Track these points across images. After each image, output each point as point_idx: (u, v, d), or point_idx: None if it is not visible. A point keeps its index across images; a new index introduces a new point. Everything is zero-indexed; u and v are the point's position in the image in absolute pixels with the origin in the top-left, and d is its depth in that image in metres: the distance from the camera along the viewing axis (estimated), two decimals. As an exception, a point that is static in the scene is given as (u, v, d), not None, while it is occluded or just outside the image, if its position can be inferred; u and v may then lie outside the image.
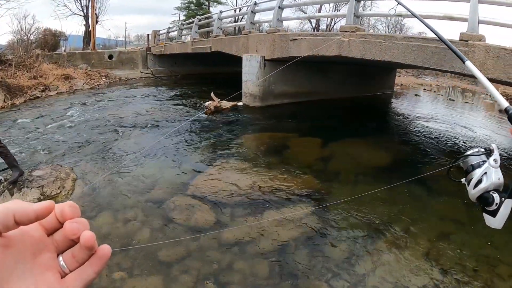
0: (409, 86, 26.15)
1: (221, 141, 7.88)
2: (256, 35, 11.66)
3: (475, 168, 1.12)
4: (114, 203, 4.99)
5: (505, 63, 5.84)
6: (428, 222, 5.10)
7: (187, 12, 41.28)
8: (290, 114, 11.08)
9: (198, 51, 15.79)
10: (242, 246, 4.19)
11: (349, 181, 6.30)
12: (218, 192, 5.42)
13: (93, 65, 19.33)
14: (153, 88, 15.92)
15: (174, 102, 12.24)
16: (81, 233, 0.51)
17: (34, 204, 0.50)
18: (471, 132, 11.09)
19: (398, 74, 28.26)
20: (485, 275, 3.97)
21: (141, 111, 10.37)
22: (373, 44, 7.67)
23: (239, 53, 12.05)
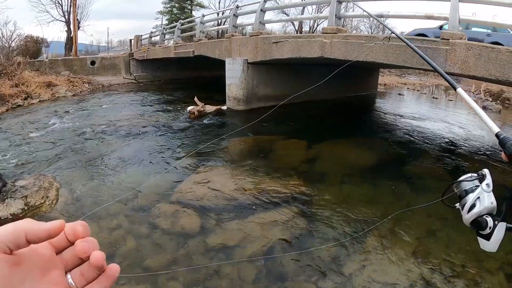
0: (393, 85, 26.36)
1: (205, 146, 7.77)
2: (239, 38, 11.64)
3: (468, 193, 1.13)
4: (98, 212, 4.90)
5: (486, 60, 5.94)
6: (414, 220, 5.11)
7: (170, 16, 41.09)
8: (274, 117, 10.79)
9: (181, 55, 15.73)
10: (228, 250, 4.17)
11: (335, 181, 6.31)
12: (204, 197, 5.37)
13: (75, 72, 19.10)
14: (135, 94, 15.84)
15: (157, 107, 12.18)
16: (91, 252, 0.52)
17: (46, 223, 0.51)
18: (454, 128, 11.27)
19: (382, 74, 28.50)
20: (473, 270, 4.00)
21: (123, 118, 10.27)
22: (355, 45, 7.71)
23: (222, 57, 12.03)
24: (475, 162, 7.98)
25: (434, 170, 7.29)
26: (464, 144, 9.57)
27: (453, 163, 7.81)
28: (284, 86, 12.28)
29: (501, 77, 5.84)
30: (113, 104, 12.77)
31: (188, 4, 42.20)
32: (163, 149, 7.56)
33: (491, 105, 20.29)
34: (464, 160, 8.14)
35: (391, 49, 7.11)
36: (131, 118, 10.29)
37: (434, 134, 10.42)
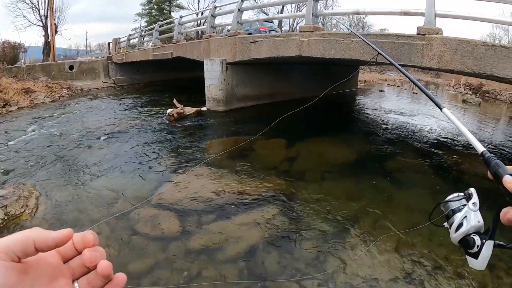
0: (373, 82, 26.62)
1: (185, 148, 7.79)
2: (217, 39, 11.58)
3: (456, 212, 1.09)
4: (79, 219, 4.84)
5: (463, 54, 6.02)
6: (395, 214, 5.15)
7: (149, 18, 40.88)
8: (254, 116, 11.07)
9: (159, 57, 15.58)
10: (210, 252, 4.13)
11: (316, 179, 6.33)
12: (183, 200, 5.33)
13: (53, 77, 18.73)
14: (115, 98, 15.63)
15: (136, 111, 12.03)
16: (99, 261, 0.54)
17: (54, 232, 0.52)
18: (433, 122, 11.40)
19: (362, 71, 28.78)
20: (456, 262, 4.02)
21: (102, 123, 10.12)
22: (332, 43, 7.73)
23: (200, 58, 11.94)
24: (453, 154, 8.12)
25: (414, 164, 7.39)
26: (443, 137, 9.71)
27: (433, 156, 7.92)
28: (264, 85, 12.30)
29: (478, 70, 5.91)
30: (92, 109, 12.59)
31: (167, 6, 42.03)
32: (142, 154, 7.47)
33: (471, 99, 20.59)
34: (443, 153, 8.26)
35: (368, 46, 7.07)
36: (110, 123, 10.15)
37: (413, 129, 10.58)
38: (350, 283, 3.66)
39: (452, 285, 3.69)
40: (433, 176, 6.82)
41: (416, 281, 3.72)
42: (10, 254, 0.48)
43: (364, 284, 3.66)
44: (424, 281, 3.72)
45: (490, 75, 5.93)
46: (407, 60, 6.71)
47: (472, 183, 6.32)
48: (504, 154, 8.71)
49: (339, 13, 8.00)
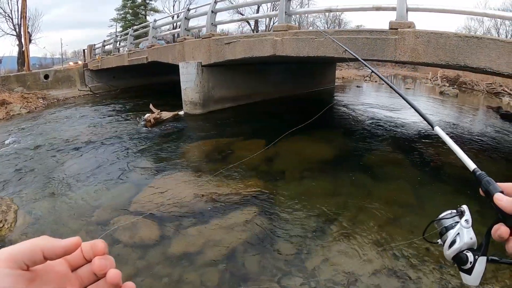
0: (351, 78, 26.86)
1: (162, 154, 7.72)
2: (192, 42, 11.49)
3: (449, 229, 1.10)
4: (59, 230, 4.76)
5: (435, 46, 6.13)
6: (375, 208, 5.17)
7: (124, 23, 40.50)
8: (232, 118, 11.07)
9: (134, 62, 15.39)
10: (190, 256, 4.09)
11: (295, 178, 6.34)
12: (162, 205, 5.29)
13: (29, 87, 18.28)
14: (91, 106, 15.37)
15: (113, 118, 11.84)
16: (108, 270, 0.54)
17: (62, 240, 0.52)
18: (410, 116, 11.46)
19: (340, 68, 28.97)
20: (437, 253, 4.03)
21: (79, 132, 9.93)
22: (305, 41, 7.74)
23: (175, 61, 11.84)
24: (431, 146, 8.23)
25: (392, 157, 7.48)
26: (420, 130, 9.84)
27: (411, 149, 8.02)
28: (241, 86, 12.28)
29: (451, 62, 6.01)
30: (68, 119, 12.35)
31: (142, 10, 41.76)
32: (119, 161, 7.37)
33: (449, 90, 20.86)
34: (421, 145, 8.38)
35: (340, 42, 7.10)
36: (87, 132, 9.97)
37: (391, 123, 10.70)
38: (331, 279, 3.66)
39: (434, 276, 3.72)
40: (411, 169, 6.90)
41: (397, 274, 3.74)
42: (18, 262, 0.48)
43: (346, 279, 3.66)
44: (406, 274, 3.73)
45: (464, 66, 6.02)
46: (380, 55, 6.76)
47: (450, 173, 6.45)
48: (482, 143, 8.83)
49: (311, 11, 8.04)
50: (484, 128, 11.39)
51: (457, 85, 24.36)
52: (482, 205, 4.18)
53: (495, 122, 12.41)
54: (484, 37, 5.91)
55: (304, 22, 40.82)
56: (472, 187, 4.70)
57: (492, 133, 10.43)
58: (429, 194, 5.82)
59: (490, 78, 22.28)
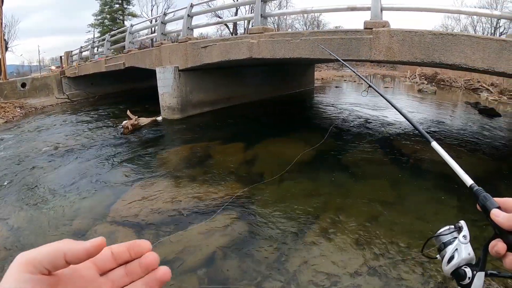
0: (330, 79, 27.08)
1: (140, 160, 7.62)
2: (168, 46, 11.38)
3: (447, 245, 1.13)
4: (37, 242, 4.55)
5: (410, 44, 6.22)
6: (355, 208, 5.20)
7: (102, 29, 40.20)
8: (211, 122, 11.01)
9: (112, 68, 15.20)
10: (169, 264, 3.86)
11: (274, 180, 6.29)
12: (140, 213, 5.21)
13: (5, 96, 17.87)
14: (69, 114, 15.11)
15: (90, 126, 11.65)
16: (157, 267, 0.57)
17: (85, 242, 0.50)
18: (389, 114, 11.71)
19: (319, 69, 29.20)
20: (418, 249, 4.04)
21: (56, 141, 9.74)
22: (281, 43, 7.75)
23: (152, 66, 11.71)
24: (409, 143, 8.34)
25: (371, 156, 7.53)
26: (398, 128, 9.96)
27: (389, 147, 8.11)
28: (220, 90, 12.24)
29: (426, 59, 6.11)
30: (45, 128, 12.12)
31: (120, 15, 41.53)
32: (97, 169, 7.27)
33: (427, 88, 21.12)
34: (399, 143, 8.50)
35: (316, 43, 7.15)
36: (64, 141, 9.80)
37: (369, 122, 10.81)
38: (312, 281, 3.64)
39: (416, 273, 3.72)
40: (391, 167, 6.95)
41: (379, 273, 3.73)
42: (39, 266, 0.47)
43: (327, 280, 3.64)
44: (387, 273, 3.73)
45: (439, 63, 6.10)
46: (356, 54, 6.81)
47: (429, 170, 6.49)
48: (462, 138, 8.93)
49: (287, 12, 8.05)
50: (463, 124, 11.58)
51: (435, 82, 24.68)
52: (463, 202, 4.21)
53: (473, 117, 12.60)
54: (459, 34, 6.02)
55: (283, 24, 41.08)
56: (452, 182, 4.83)
57: (470, 128, 10.60)
58: (409, 191, 5.88)
59: (468, 74, 22.64)
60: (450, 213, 5.02)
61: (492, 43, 5.63)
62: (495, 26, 40.89)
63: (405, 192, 5.80)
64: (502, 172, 6.79)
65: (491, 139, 9.10)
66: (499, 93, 20.02)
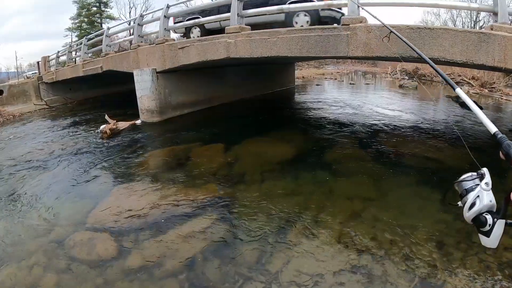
0: (311, 77, 27.21)
1: (119, 165, 7.49)
2: (145, 48, 11.23)
3: (469, 192, 1.19)
4: (15, 253, 4.55)
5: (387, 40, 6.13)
6: (337, 205, 5.19)
7: (79, 32, 39.71)
8: (191, 124, 10.88)
9: (90, 73, 14.94)
10: (149, 269, 3.97)
11: (255, 180, 6.26)
12: (119, 218, 5.14)
13: (-17, 104, 17.61)
14: (47, 121, 14.82)
15: (68, 132, 11.40)
16: None
17: None
18: (367, 110, 11.88)
19: (300, 68, 29.27)
20: (402, 244, 4.10)
21: (33, 149, 9.47)
22: (258, 42, 7.74)
23: (130, 69, 11.53)
24: (389, 138, 8.45)
25: (352, 153, 7.53)
26: (378, 124, 10.10)
27: (370, 143, 8.16)
28: (199, 91, 12.17)
29: (404, 54, 6.08)
30: (22, 136, 11.84)
31: (98, 18, 41.16)
32: (75, 176, 7.10)
33: (408, 83, 21.32)
34: (379, 138, 8.55)
35: (293, 41, 7.23)
36: (42, 148, 9.57)
37: (349, 118, 10.92)
38: (294, 281, 3.61)
39: (400, 268, 3.72)
40: (372, 163, 6.95)
41: (362, 271, 3.72)
42: None
43: (310, 279, 3.62)
44: (371, 270, 3.72)
45: (417, 58, 6.04)
46: (333, 51, 6.83)
47: (410, 163, 6.53)
48: (443, 131, 9.09)
49: (264, 11, 7.93)
50: (444, 117, 11.67)
51: (416, 77, 24.83)
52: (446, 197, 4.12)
53: (455, 110, 12.73)
54: (436, 28, 6.11)
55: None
56: (434, 177, 4.83)
57: (452, 121, 10.72)
58: (391, 187, 5.88)
59: (449, 69, 22.82)
60: (433, 208, 4.99)
61: (470, 36, 5.68)
62: (474, 20, 41.58)
63: (387, 188, 5.80)
64: (484, 163, 6.78)
65: (473, 131, 9.16)
66: (480, 86, 20.29)
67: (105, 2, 42.26)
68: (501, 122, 11.46)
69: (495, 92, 19.08)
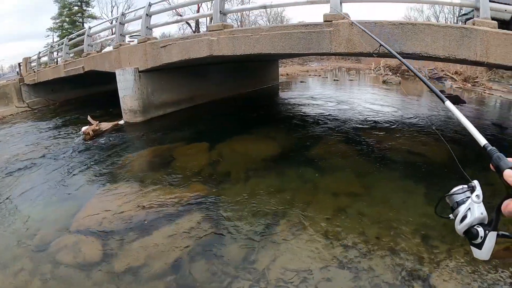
0: (296, 74, 27.30)
1: (102, 167, 7.38)
2: (127, 47, 11.09)
3: (460, 204, 1.18)
4: (0, 260, 4.47)
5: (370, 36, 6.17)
6: (323, 202, 5.23)
7: (61, 32, 39.22)
8: (174, 123, 10.82)
9: (71, 73, 14.70)
10: (135, 271, 3.95)
11: (240, 178, 6.26)
12: (103, 220, 5.08)
13: (-35, 108, 17.27)
14: (29, 123, 14.50)
15: (50, 134, 11.21)
16: None
17: None
18: (349, 107, 12.01)
19: (284, 65, 29.34)
20: (388, 239, 4.14)
21: (15, 153, 9.21)
22: (241, 39, 7.71)
23: (112, 69, 11.35)
24: (373, 134, 8.50)
25: (336, 149, 7.55)
26: (362, 119, 10.20)
27: (354, 139, 8.20)
28: (183, 90, 12.07)
29: (386, 50, 6.01)
30: (5, 139, 11.62)
31: (79, 17, 40.72)
32: (58, 179, 6.98)
33: (391, 79, 21.44)
34: (363, 134, 8.59)
35: (276, 38, 7.21)
36: (24, 151, 9.36)
37: (334, 114, 11.02)
38: (282, 278, 3.62)
39: (387, 262, 3.76)
40: (357, 158, 7.01)
41: (349, 266, 3.75)
42: None
43: (297, 276, 3.64)
44: (358, 265, 3.75)
45: (400, 53, 6.09)
46: (316, 48, 6.84)
47: (394, 158, 6.56)
48: (426, 126, 9.23)
49: (246, 8, 8.03)
50: (428, 112, 11.80)
51: (399, 73, 25.03)
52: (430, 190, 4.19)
53: (438, 105, 12.83)
54: (418, 23, 6.21)
55: (246, 21, 41.08)
56: (418, 171, 4.85)
57: (435, 116, 10.86)
58: (376, 181, 5.92)
59: (432, 64, 23.06)
60: (418, 201, 5.07)
61: (452, 31, 5.75)
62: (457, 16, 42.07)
63: (372, 183, 5.85)
64: (468, 157, 6.90)
65: (455, 125, 9.24)
66: (464, 80, 20.54)
67: (86, 1, 41.87)
68: (484, 116, 11.59)
69: (478, 87, 19.34)
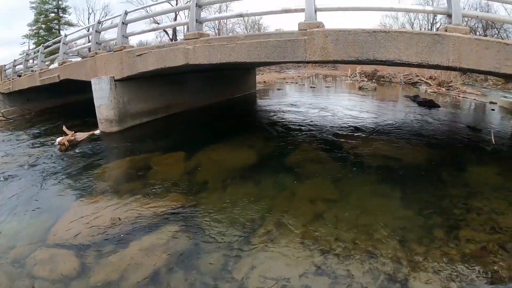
0: (273, 82, 27.50)
1: (78, 178, 7.23)
2: (103, 56, 10.97)
3: None
4: None
5: (344, 43, 6.41)
6: (300, 208, 5.28)
7: (37, 39, 38.74)
8: (151, 132, 10.74)
9: (47, 82, 14.46)
10: (112, 285, 3.92)
11: (217, 187, 6.26)
12: (79, 233, 5.01)
13: None
14: (3, 134, 14.00)
15: (25, 145, 10.90)
16: None
17: None
18: (328, 113, 12.27)
19: (261, 73, 29.52)
20: (365, 243, 4.21)
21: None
22: (217, 48, 7.75)
23: (88, 78, 11.19)
24: (349, 140, 8.59)
25: (314, 155, 7.63)
26: (339, 125, 10.36)
27: (330, 145, 8.28)
28: (159, 99, 12.00)
29: (361, 57, 6.33)
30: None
31: (56, 24, 40.28)
32: (33, 192, 6.79)
33: (367, 85, 21.79)
34: (339, 140, 8.70)
35: (252, 47, 7.28)
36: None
37: (312, 122, 11.09)
38: (261, 287, 3.66)
39: (365, 266, 3.82)
40: (333, 164, 7.10)
41: (327, 271, 3.80)
42: None
43: (276, 284, 3.66)
44: (335, 270, 3.80)
45: (374, 60, 6.32)
46: (291, 56, 6.93)
47: (371, 163, 6.69)
48: (402, 130, 9.37)
49: (223, 17, 8.09)
50: (403, 116, 11.98)
51: (375, 79, 25.46)
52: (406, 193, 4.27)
53: (413, 109, 13.10)
54: (391, 31, 6.32)
55: (224, 29, 41.25)
56: (394, 174, 4.95)
57: (410, 120, 11.05)
58: (352, 186, 6.00)
59: (407, 69, 23.54)
60: (394, 204, 5.20)
61: (425, 38, 5.92)
62: (431, 22, 43.00)
63: (348, 188, 5.91)
64: (444, 159, 7.05)
65: (431, 129, 9.41)
66: (438, 85, 21.02)
67: (63, 8, 41.48)
68: (458, 120, 11.83)
69: (453, 90, 19.77)
